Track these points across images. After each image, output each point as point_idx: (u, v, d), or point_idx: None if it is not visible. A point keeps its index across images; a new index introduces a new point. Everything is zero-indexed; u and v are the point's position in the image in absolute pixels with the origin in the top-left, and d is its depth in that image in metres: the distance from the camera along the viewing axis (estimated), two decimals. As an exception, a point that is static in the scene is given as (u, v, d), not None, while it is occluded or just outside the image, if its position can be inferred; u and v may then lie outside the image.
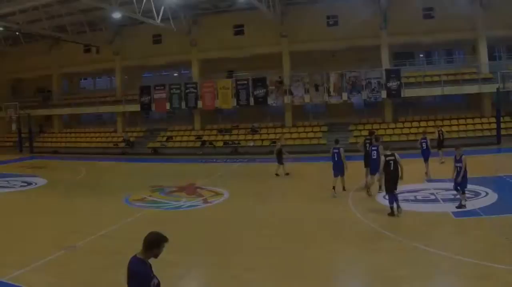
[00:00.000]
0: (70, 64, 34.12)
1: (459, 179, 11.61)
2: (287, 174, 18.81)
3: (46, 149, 33.25)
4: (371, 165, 14.11)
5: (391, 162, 11.57)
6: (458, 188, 11.75)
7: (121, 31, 32.70)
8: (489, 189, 13.59)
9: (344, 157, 14.68)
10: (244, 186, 17.41)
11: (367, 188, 14.31)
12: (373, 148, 14.16)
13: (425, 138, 17.74)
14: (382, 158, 11.86)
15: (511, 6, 28.20)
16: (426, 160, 17.26)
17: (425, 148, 17.42)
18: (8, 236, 10.89)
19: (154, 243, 4.51)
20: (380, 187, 13.64)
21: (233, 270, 8.27)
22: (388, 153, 11.75)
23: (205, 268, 8.59)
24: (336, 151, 14.65)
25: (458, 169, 11.68)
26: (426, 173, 17.02)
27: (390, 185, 11.61)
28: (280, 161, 18.84)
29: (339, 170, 14.60)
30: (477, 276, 7.41)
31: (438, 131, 21.41)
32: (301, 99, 28.60)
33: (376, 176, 13.40)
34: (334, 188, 14.42)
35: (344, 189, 14.89)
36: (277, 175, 18.82)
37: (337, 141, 15.35)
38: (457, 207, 11.65)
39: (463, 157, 11.68)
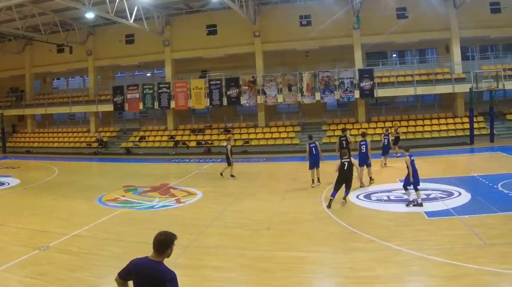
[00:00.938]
0: (43, 64, 33.91)
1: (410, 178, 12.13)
2: (233, 176, 18.49)
3: (19, 149, 33.12)
4: (360, 158, 15.40)
5: (346, 163, 12.65)
6: (407, 187, 12.19)
7: (94, 31, 32.57)
8: (462, 189, 13.66)
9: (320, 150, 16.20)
10: (217, 186, 17.24)
11: (370, 178, 15.71)
12: (361, 143, 15.70)
13: (387, 134, 19.19)
14: (338, 161, 12.76)
15: (484, 7, 28.48)
16: (384, 154, 19.29)
17: (386, 143, 18.70)
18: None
19: (167, 243, 4.37)
20: (370, 178, 15.66)
21: (204, 270, 8.24)
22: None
23: (177, 268, 8.31)
24: (314, 145, 16.00)
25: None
26: (385, 164, 18.84)
27: (339, 185, 12.56)
28: (228, 161, 18.55)
29: (316, 163, 15.92)
30: (450, 276, 7.42)
31: (396, 130, 22.56)
32: (274, 99, 28.46)
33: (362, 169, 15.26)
34: (313, 180, 15.84)
35: (319, 180, 15.99)
36: (221, 174, 18.67)
37: (311, 137, 16.87)
38: (407, 205, 12.02)
39: (405, 158, 12.19)
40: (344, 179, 12.59)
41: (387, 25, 28.00)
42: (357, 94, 27.51)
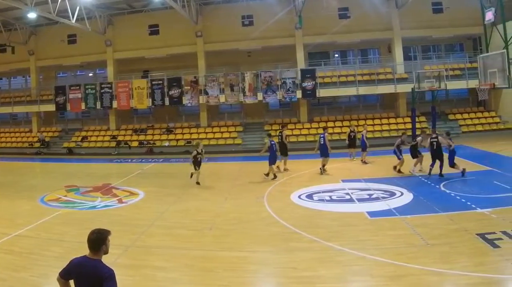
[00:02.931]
0: (-15, 64, 33.56)
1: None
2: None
3: (-38, 149, 32.66)
4: (321, 150, 17.72)
5: (434, 143, 15.30)
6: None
7: (36, 31, 32.19)
8: (404, 189, 13.72)
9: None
10: (159, 186, 17.19)
11: (322, 168, 17.51)
12: (321, 136, 17.85)
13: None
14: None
15: (426, 7, 28.73)
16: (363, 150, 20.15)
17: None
18: None
19: (100, 240, 4.35)
20: (322, 168, 17.43)
21: (146, 270, 8.16)
22: None
23: (118, 268, 8.18)
24: (274, 142, 17.51)
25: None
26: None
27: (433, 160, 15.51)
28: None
29: (275, 159, 17.42)
30: (393, 276, 7.41)
31: (350, 131, 21.73)
32: (216, 99, 28.42)
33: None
34: (274, 175, 17.17)
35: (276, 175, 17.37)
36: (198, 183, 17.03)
37: (270, 135, 18.53)
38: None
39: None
40: (436, 156, 15.28)
41: (329, 25, 28.20)
42: (299, 94, 27.57)
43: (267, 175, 17.09)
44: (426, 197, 12.69)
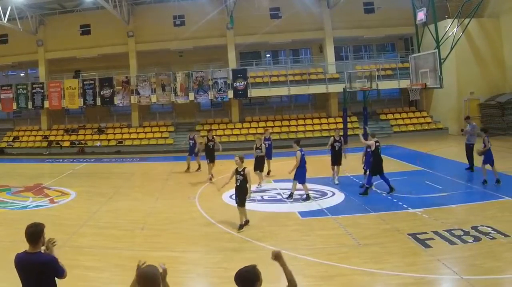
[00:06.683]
0: None
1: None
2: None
3: None
4: (267, 152, 16.20)
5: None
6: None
7: (-33, 31, 32.05)
8: (336, 189, 13.85)
9: None
10: (91, 186, 17.19)
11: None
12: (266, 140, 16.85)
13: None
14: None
15: (358, 7, 28.96)
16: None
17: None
18: None
19: (38, 233, 4.59)
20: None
21: (78, 270, 8.04)
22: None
23: None
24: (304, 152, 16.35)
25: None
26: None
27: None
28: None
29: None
30: (324, 276, 7.49)
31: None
32: (148, 99, 28.37)
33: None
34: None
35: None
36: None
37: (298, 142, 16.27)
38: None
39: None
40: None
41: (261, 25, 28.35)
42: (230, 94, 27.61)
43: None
44: (357, 197, 12.86)
